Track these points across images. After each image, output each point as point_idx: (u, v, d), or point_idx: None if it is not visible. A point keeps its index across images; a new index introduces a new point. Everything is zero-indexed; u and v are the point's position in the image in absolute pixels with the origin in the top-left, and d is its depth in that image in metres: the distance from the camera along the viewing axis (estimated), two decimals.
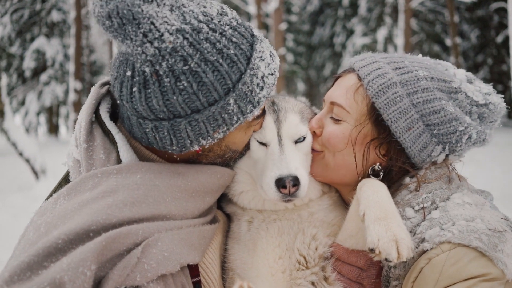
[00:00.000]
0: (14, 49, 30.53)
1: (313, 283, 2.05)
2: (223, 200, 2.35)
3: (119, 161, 1.86)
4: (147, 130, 1.80)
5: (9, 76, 31.84)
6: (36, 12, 30.49)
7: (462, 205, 1.91)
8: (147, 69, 1.67)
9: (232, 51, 1.72)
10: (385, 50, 26.39)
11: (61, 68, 30.73)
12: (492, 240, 1.73)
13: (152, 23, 1.62)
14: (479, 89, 2.06)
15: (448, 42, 25.70)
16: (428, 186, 2.00)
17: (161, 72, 1.65)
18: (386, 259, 1.64)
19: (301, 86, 34.84)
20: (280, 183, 2.01)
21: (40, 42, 29.84)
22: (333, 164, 2.18)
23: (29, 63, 30.11)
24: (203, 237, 1.89)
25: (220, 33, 1.72)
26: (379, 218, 1.75)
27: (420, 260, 1.78)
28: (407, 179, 2.07)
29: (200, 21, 1.70)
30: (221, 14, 1.78)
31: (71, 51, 23.94)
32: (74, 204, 1.63)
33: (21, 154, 14.46)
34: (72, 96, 23.04)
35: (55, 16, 30.24)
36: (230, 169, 2.16)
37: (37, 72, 31.29)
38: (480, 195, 2.05)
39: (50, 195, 1.85)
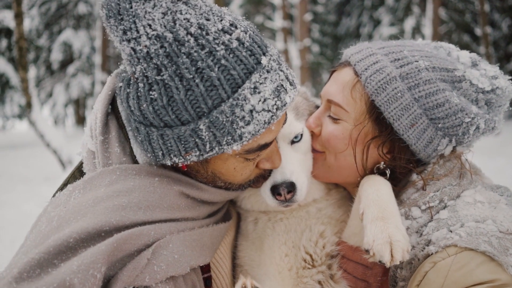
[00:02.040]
0: (42, 42, 31.06)
1: (319, 282, 2.01)
2: (232, 200, 2.31)
3: (134, 155, 1.83)
4: (131, 128, 1.78)
5: (38, 68, 32.41)
6: (63, 4, 30.90)
7: (473, 204, 1.81)
8: (128, 68, 1.64)
9: (214, 74, 1.55)
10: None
11: (87, 60, 31.11)
12: (503, 243, 1.64)
13: (134, 22, 1.56)
14: (485, 72, 1.95)
15: (478, 31, 25.11)
16: (436, 183, 1.91)
17: (137, 75, 1.60)
18: (380, 261, 1.60)
19: (326, 77, 34.45)
20: (275, 191, 1.95)
21: (67, 34, 30.24)
22: (336, 166, 2.09)
23: (56, 56, 30.56)
24: (215, 236, 1.88)
25: (209, 52, 1.57)
26: (377, 218, 1.70)
27: (425, 264, 1.71)
28: (414, 176, 1.98)
29: (189, 33, 1.57)
30: (224, 31, 1.62)
31: (98, 43, 24.20)
32: (89, 200, 1.61)
33: (48, 145, 14.67)
34: (98, 88, 23.28)
35: (81, 8, 30.56)
36: None
37: (64, 64, 31.75)
38: (496, 192, 1.94)
39: (64, 184, 1.85)
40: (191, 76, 1.55)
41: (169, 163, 1.73)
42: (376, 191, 1.83)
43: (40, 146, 17.97)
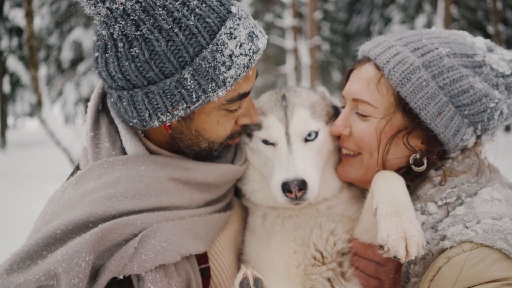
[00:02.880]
0: (53, 40, 31.25)
1: (329, 279, 1.99)
2: (239, 194, 2.30)
3: (123, 148, 1.87)
4: (114, 100, 1.79)
5: (48, 67, 32.62)
6: (73, 3, 31.03)
7: (490, 201, 1.79)
8: (104, 32, 1.66)
9: (191, 22, 1.61)
10: None
11: None
12: None
13: None
14: (502, 57, 1.93)
15: (491, 29, 24.97)
16: (454, 180, 1.88)
17: (115, 36, 1.63)
18: (394, 257, 1.58)
19: (336, 76, 34.42)
20: (285, 188, 1.93)
21: (77, 33, 30.36)
22: (374, 164, 2.04)
23: (66, 54, 30.71)
24: (210, 226, 1.89)
25: (182, 3, 1.63)
26: (391, 213, 1.68)
27: (439, 259, 1.68)
28: (432, 172, 1.96)
29: None
30: None
31: None
32: (78, 194, 1.67)
33: (58, 143, 14.74)
34: None
35: None
36: (239, 165, 2.12)
37: (74, 62, 31.91)
38: None
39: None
40: (170, 26, 1.60)
41: (156, 124, 1.75)
42: (389, 186, 1.81)
43: (51, 144, 18.07)
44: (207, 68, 1.63)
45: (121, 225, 1.58)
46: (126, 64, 1.63)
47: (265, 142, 2.10)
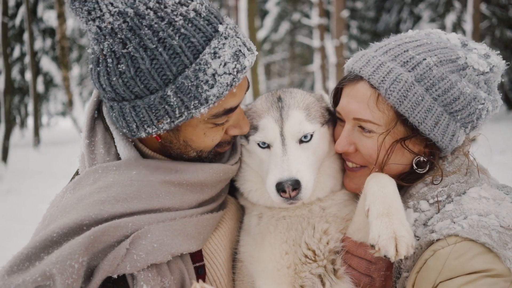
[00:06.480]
0: (85, 41, 31.80)
1: (319, 276, 2.04)
2: (237, 192, 2.35)
3: (118, 154, 1.94)
4: (107, 109, 1.89)
5: (80, 67, 33.25)
6: None
7: (478, 199, 1.87)
8: (95, 47, 1.75)
9: (176, 42, 1.68)
10: None
11: None
12: (503, 237, 1.70)
13: (97, 1, 1.67)
14: (477, 52, 2.00)
15: None
16: (445, 179, 1.96)
17: (105, 52, 1.72)
18: (385, 256, 1.65)
19: None
20: (279, 187, 1.98)
21: None
22: None
23: None
24: (202, 225, 1.94)
25: (168, 23, 1.69)
26: (382, 214, 1.74)
27: (426, 252, 1.78)
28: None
29: (148, 8, 1.68)
30: (181, 4, 1.73)
31: None
32: (74, 198, 1.75)
33: None
34: None
35: None
36: (231, 164, 2.15)
37: None
38: (501, 190, 1.98)
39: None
40: (154, 46, 1.66)
41: (143, 134, 1.83)
42: (381, 188, 1.86)
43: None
44: (189, 87, 1.70)
45: (113, 228, 1.65)
46: (114, 79, 1.71)
47: (260, 145, 2.17)
